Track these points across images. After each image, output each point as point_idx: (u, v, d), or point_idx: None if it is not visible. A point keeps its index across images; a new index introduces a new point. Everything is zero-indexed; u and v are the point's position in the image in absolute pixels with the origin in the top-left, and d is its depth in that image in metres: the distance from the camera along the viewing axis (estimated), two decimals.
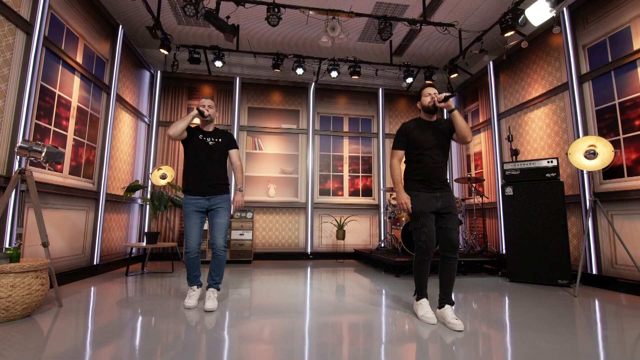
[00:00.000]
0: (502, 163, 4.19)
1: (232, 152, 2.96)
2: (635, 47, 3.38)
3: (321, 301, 3.04)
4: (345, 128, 6.45)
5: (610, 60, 3.63)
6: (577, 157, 3.42)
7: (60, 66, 3.52)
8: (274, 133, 6.21)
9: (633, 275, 3.32)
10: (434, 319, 2.38)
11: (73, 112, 3.74)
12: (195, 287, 2.86)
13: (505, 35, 4.57)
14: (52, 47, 3.34)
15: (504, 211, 4.02)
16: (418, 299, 2.55)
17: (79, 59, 3.83)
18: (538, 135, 4.57)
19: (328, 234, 6.07)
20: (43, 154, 2.69)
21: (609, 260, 3.55)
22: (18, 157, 2.88)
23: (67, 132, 3.65)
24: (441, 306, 2.43)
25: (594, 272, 3.65)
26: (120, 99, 4.69)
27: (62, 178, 3.58)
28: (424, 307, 2.47)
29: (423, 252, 2.42)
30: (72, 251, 3.77)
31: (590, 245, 3.67)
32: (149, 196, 5.24)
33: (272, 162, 6.18)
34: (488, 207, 5.36)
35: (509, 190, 3.99)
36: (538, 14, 3.83)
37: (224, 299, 3.07)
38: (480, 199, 5.10)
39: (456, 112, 2.41)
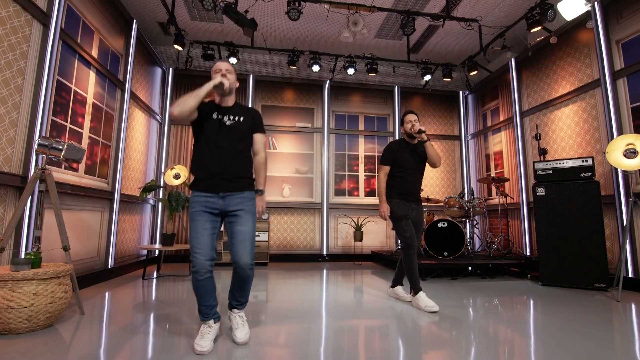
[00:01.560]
0: (533, 162, 4.04)
1: (257, 137, 2.18)
2: None
3: (353, 312, 2.89)
4: (361, 127, 6.30)
5: None
6: (616, 156, 3.28)
7: (76, 60, 3.36)
8: (289, 132, 6.06)
9: None
10: (436, 306, 2.71)
11: (88, 109, 3.59)
12: (210, 321, 2.00)
13: (532, 30, 4.44)
14: (69, 40, 3.19)
15: (535, 212, 3.87)
16: (415, 293, 2.86)
17: (95, 53, 3.68)
18: (566, 134, 4.43)
19: (344, 235, 5.92)
20: (63, 152, 2.54)
21: None
22: (36, 155, 2.72)
23: (82, 129, 3.49)
24: (394, 285, 3.24)
25: (630, 275, 3.51)
26: (134, 96, 4.54)
27: (77, 177, 3.43)
28: (424, 299, 2.77)
29: (409, 247, 2.85)
30: (88, 254, 3.62)
31: (627, 246, 3.52)
32: (164, 196, 5.08)
33: (286, 162, 6.03)
34: (510, 207, 5.22)
35: (541, 191, 3.85)
36: (571, 8, 3.70)
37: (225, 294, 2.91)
38: (504, 199, 4.96)
39: (428, 144, 2.89)
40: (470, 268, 4.28)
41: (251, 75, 5.95)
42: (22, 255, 2.55)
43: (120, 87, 4.19)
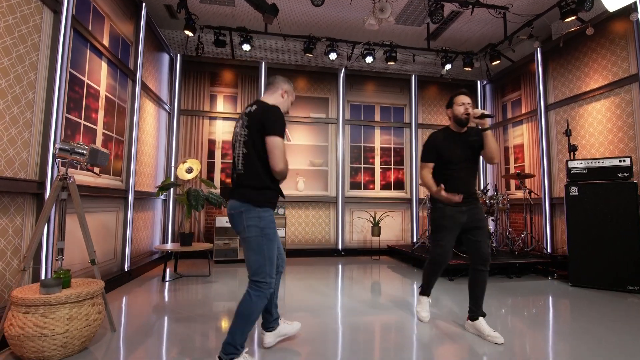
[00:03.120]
0: (566, 161, 3.92)
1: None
2: None
3: (378, 317, 2.78)
4: (377, 117, 6.09)
5: None
6: None
7: (88, 50, 3.08)
8: (303, 123, 5.82)
9: None
10: (427, 318, 2.59)
11: (101, 103, 3.33)
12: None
13: (566, 20, 4.23)
14: (80, 28, 2.90)
15: (567, 212, 3.78)
16: (421, 294, 2.68)
17: (106, 41, 3.38)
18: (596, 130, 4.29)
19: (359, 229, 5.81)
20: (86, 157, 2.32)
21: None
22: (53, 159, 2.50)
23: (96, 125, 3.24)
24: (474, 318, 2.36)
25: None
26: (144, 86, 4.26)
27: (93, 178, 3.20)
28: (424, 305, 2.65)
29: (435, 264, 2.52)
30: (105, 256, 3.44)
31: None
32: (182, 193, 4.87)
33: (300, 154, 5.82)
34: (533, 203, 5.13)
35: (574, 190, 3.74)
36: None
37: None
38: (527, 195, 4.85)
39: (489, 132, 2.32)
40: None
41: (263, 63, 5.65)
42: (47, 273, 2.38)
43: (132, 77, 3.91)
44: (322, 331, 2.41)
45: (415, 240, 5.84)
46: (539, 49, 5.08)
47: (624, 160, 3.53)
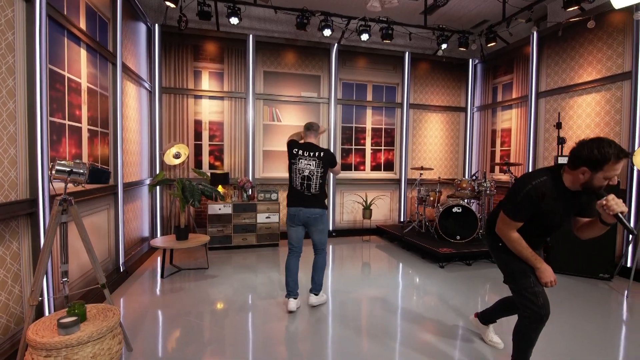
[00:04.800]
0: (555, 156, 4.07)
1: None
2: None
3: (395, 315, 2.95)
4: (369, 97, 5.94)
5: None
6: None
7: (66, 39, 2.70)
8: (293, 102, 5.59)
9: None
10: None
11: (84, 97, 2.99)
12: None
13: (568, 9, 4.16)
14: (55, 14, 2.51)
15: None
16: None
17: (83, 23, 2.97)
18: (584, 122, 4.44)
19: (349, 210, 5.91)
20: (86, 177, 2.13)
21: None
22: (53, 180, 2.28)
23: (81, 122, 2.95)
24: (485, 323, 2.47)
25: (628, 264, 3.85)
26: (124, 67, 3.84)
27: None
28: None
29: (540, 320, 1.82)
30: (100, 257, 3.31)
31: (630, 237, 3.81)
32: (177, 188, 4.66)
33: None
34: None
35: None
36: None
37: (256, 283, 2.87)
38: (512, 180, 5.07)
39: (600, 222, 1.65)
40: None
41: (251, 36, 5.23)
42: (50, 301, 2.26)
43: (112, 59, 3.50)
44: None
45: (402, 219, 6.06)
46: (535, 33, 5.02)
47: None
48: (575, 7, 4.11)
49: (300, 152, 2.94)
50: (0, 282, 2.03)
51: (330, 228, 5.77)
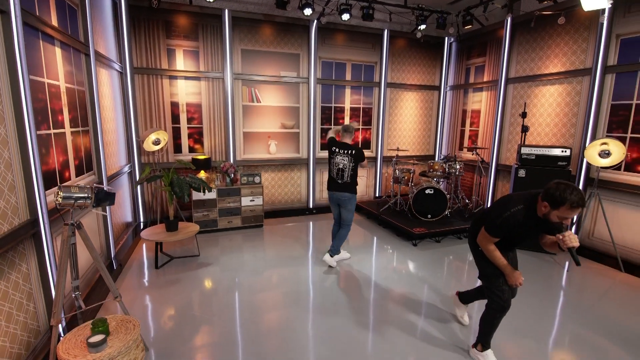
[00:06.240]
0: (519, 145, 4.45)
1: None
2: None
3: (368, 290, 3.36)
4: (348, 76, 5.95)
5: None
6: (592, 153, 3.85)
7: (41, 41, 2.51)
8: (273, 83, 5.49)
9: (604, 247, 4.20)
10: None
11: (64, 99, 2.85)
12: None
13: (541, 3, 4.34)
14: (30, 19, 2.32)
15: (512, 189, 4.49)
16: (483, 348, 2.40)
17: (54, 19, 2.73)
18: (546, 111, 4.84)
19: None
20: (92, 200, 2.16)
21: (587, 232, 4.39)
22: (60, 207, 2.27)
23: (64, 128, 2.84)
24: (465, 302, 2.87)
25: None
26: (96, 55, 3.60)
27: None
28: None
29: (502, 310, 2.26)
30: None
31: (574, 218, 4.43)
32: (165, 183, 4.61)
33: (271, 116, 5.64)
34: (482, 167, 5.84)
35: (522, 173, 4.39)
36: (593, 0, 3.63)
37: (242, 262, 3.20)
38: (478, 158, 5.51)
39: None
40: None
41: (227, 11, 4.94)
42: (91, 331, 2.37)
43: (85, 50, 3.27)
44: (296, 279, 3.74)
45: (378, 195, 6.44)
46: (509, 19, 5.18)
47: (565, 151, 4.18)
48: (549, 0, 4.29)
49: (337, 149, 3.77)
50: (18, 305, 2.11)
51: (310, 205, 6.04)
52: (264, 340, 2.66)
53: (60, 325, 2.44)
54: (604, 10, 3.88)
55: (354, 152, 3.70)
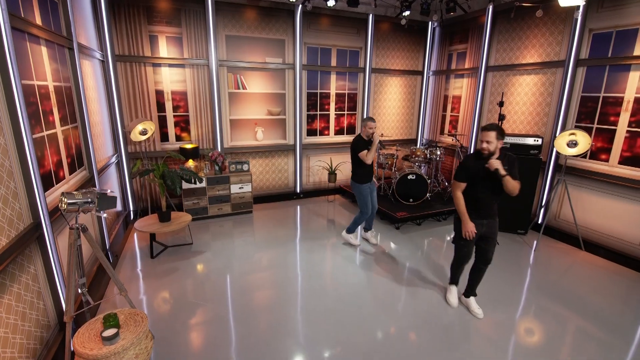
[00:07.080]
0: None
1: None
2: (636, 52, 3.80)
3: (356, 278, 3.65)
4: (333, 62, 5.97)
5: (609, 55, 4.03)
6: (561, 143, 4.15)
7: (28, 43, 2.48)
8: (259, 69, 5.47)
9: (568, 228, 4.61)
10: (455, 304, 3.16)
11: (53, 99, 2.85)
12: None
13: None
14: (17, 22, 2.29)
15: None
16: (451, 283, 3.28)
17: (37, 16, 2.68)
18: (522, 100, 5.08)
19: (315, 172, 6.33)
20: (96, 204, 2.26)
21: (554, 214, 4.78)
22: (66, 212, 2.34)
23: (55, 127, 2.85)
24: (467, 296, 3.17)
25: (539, 221, 4.90)
26: (79, 47, 3.52)
27: (66, 186, 2.99)
28: (453, 292, 3.22)
29: (462, 263, 3.10)
30: (89, 251, 3.47)
31: (543, 202, 4.80)
32: (157, 175, 4.63)
33: (257, 103, 5.66)
34: (460, 152, 6.13)
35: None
36: None
37: (234, 245, 3.44)
38: (458, 143, 5.78)
39: (507, 178, 2.59)
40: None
41: None
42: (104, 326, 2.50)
43: (68, 45, 3.21)
44: (284, 261, 4.06)
45: None
46: (491, 7, 5.29)
47: (537, 140, 4.46)
48: None
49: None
50: (30, 304, 2.24)
51: (298, 190, 6.22)
52: (256, 318, 2.90)
53: None
54: (578, 6, 4.05)
55: (351, 144, 4.03)
